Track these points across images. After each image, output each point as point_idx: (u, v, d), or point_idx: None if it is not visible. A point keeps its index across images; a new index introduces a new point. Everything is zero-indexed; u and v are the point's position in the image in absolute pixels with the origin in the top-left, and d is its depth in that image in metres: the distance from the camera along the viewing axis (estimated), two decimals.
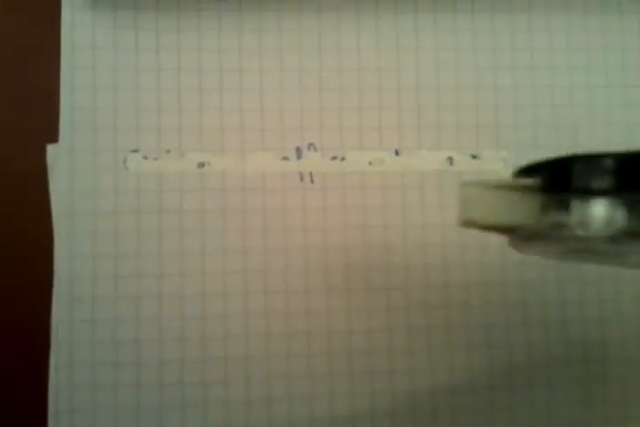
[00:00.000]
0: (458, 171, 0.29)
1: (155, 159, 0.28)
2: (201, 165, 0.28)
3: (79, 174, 0.27)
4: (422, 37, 0.30)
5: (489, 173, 0.29)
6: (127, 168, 0.28)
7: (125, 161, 0.28)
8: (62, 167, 0.27)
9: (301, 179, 0.29)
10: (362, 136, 0.29)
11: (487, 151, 0.29)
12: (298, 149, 0.29)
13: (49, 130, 0.28)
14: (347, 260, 0.28)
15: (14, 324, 0.27)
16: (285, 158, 0.29)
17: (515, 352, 0.29)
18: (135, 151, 0.28)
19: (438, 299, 0.29)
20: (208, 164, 0.28)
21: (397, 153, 0.29)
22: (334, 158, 0.29)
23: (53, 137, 0.28)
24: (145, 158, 0.28)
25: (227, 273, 0.28)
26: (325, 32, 0.29)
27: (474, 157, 0.29)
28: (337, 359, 0.28)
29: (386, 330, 0.28)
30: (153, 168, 0.28)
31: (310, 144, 0.29)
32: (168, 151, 0.28)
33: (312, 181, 0.29)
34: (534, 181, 0.16)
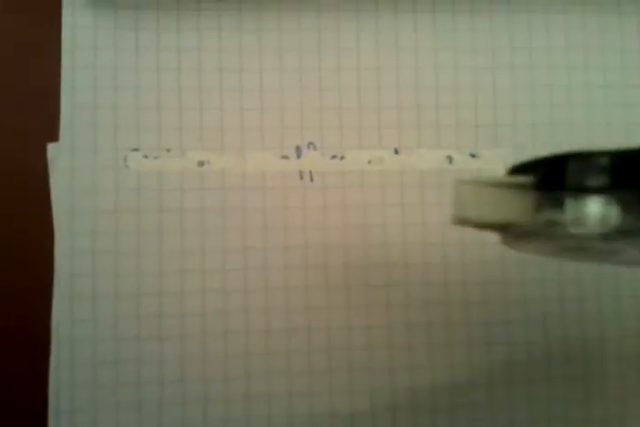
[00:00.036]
0: (457, 169, 0.29)
1: (155, 158, 0.28)
2: (201, 164, 0.28)
3: (80, 173, 0.28)
4: (421, 37, 0.30)
5: (488, 172, 0.29)
6: (128, 167, 0.28)
7: (126, 160, 0.28)
8: (63, 166, 0.28)
9: (301, 177, 0.29)
10: (361, 135, 0.29)
11: (486, 150, 0.29)
12: (297, 148, 0.29)
13: (49, 130, 0.28)
14: (346, 258, 0.28)
15: (14, 324, 0.27)
16: (285, 157, 0.29)
17: (514, 350, 0.29)
18: (136, 150, 0.28)
19: (438, 296, 0.29)
20: (208, 162, 0.28)
21: (397, 152, 0.29)
22: (334, 157, 0.29)
23: (54, 137, 0.28)
24: (145, 157, 0.28)
25: (227, 271, 0.28)
26: (325, 32, 0.29)
27: (473, 156, 0.29)
28: (337, 356, 0.28)
29: (385, 327, 0.28)
30: (153, 167, 0.28)
31: (310, 143, 0.29)
32: (168, 150, 0.28)
33: (312, 180, 0.29)
34: (528, 179, 0.16)
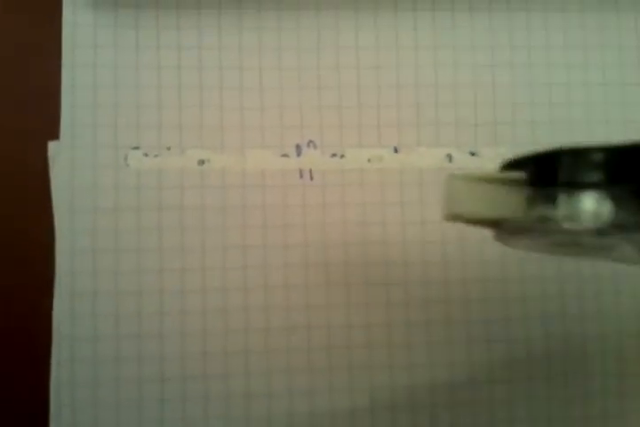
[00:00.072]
0: (457, 168, 0.29)
1: (155, 156, 0.28)
2: (201, 162, 0.28)
3: (80, 171, 0.28)
4: (421, 35, 0.30)
5: (487, 171, 0.29)
6: (128, 165, 0.28)
7: (126, 158, 0.28)
8: (63, 164, 0.28)
9: (301, 176, 0.29)
10: (361, 133, 0.29)
11: (486, 148, 0.29)
12: (297, 147, 0.29)
13: (49, 129, 0.28)
14: (346, 256, 0.28)
15: (15, 323, 0.27)
16: (285, 155, 0.29)
17: (514, 348, 0.29)
18: (136, 148, 0.28)
19: (438, 294, 0.29)
20: (208, 161, 0.28)
21: (396, 150, 0.29)
22: (334, 155, 0.29)
23: (54, 136, 0.28)
24: (145, 155, 0.28)
25: (227, 269, 0.28)
26: (324, 30, 0.29)
27: (472, 154, 0.29)
28: (336, 354, 0.28)
29: (385, 325, 0.28)
30: (153, 165, 0.28)
31: (310, 141, 0.29)
32: (168, 148, 0.28)
33: (311, 178, 0.29)
34: (521, 175, 0.16)
